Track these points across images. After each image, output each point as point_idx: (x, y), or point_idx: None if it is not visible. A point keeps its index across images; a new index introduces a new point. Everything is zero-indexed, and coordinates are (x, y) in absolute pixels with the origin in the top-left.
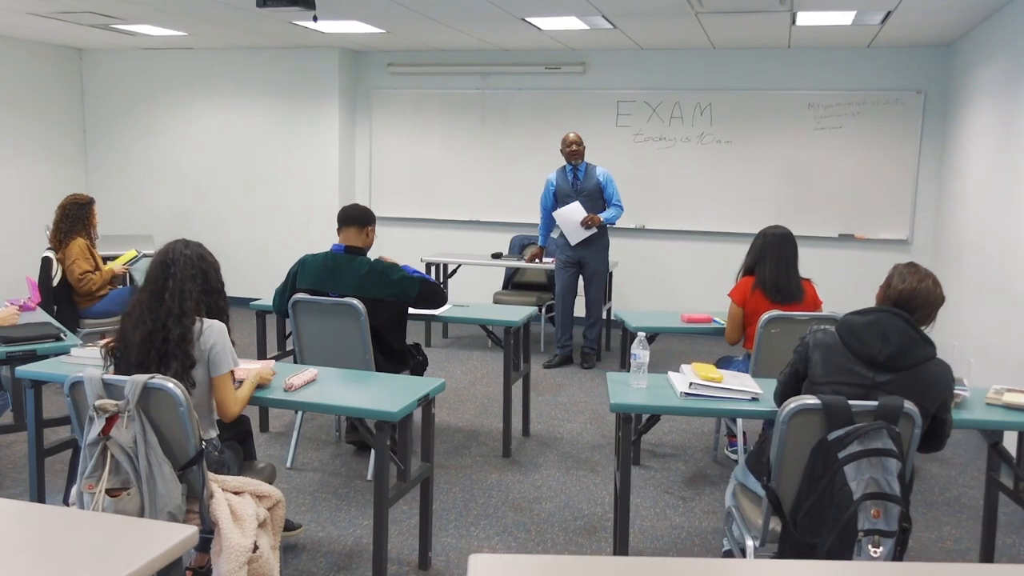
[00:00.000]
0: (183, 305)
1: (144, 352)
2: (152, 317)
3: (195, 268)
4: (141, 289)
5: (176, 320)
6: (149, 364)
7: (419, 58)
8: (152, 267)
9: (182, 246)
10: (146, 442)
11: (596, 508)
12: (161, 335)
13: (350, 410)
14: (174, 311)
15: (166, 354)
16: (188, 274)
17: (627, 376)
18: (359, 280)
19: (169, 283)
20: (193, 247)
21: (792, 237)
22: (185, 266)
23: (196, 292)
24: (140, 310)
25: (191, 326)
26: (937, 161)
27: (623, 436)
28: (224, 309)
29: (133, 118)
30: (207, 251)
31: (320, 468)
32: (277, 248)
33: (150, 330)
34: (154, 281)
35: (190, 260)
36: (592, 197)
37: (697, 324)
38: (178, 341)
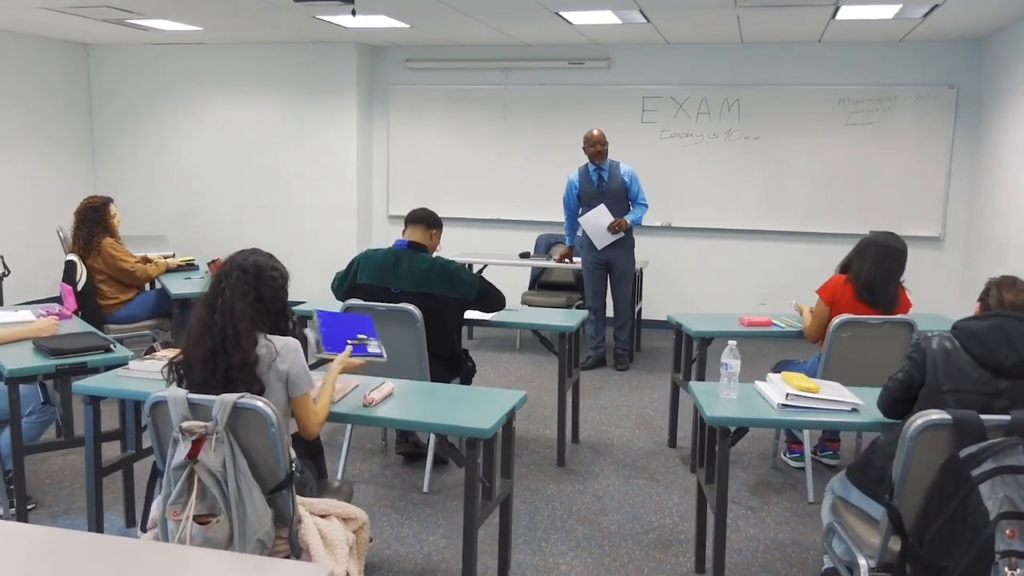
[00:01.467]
0: (236, 326)
1: (208, 371)
2: (209, 335)
3: (247, 285)
4: (200, 302)
5: (234, 343)
6: (214, 385)
7: (438, 53)
8: (211, 278)
9: (242, 257)
10: (235, 465)
11: (665, 519)
12: (223, 359)
13: (440, 427)
14: (228, 332)
15: (231, 379)
16: (239, 292)
17: (714, 386)
18: (422, 275)
19: (218, 300)
20: (254, 259)
21: (902, 246)
22: (237, 283)
23: (250, 312)
24: (199, 326)
25: (251, 349)
26: (970, 157)
27: (720, 451)
28: (285, 330)
29: (142, 115)
30: (271, 265)
31: (372, 480)
32: (292, 248)
33: (211, 350)
34: (209, 295)
35: (244, 276)
36: (618, 198)
37: (757, 328)
38: (240, 367)
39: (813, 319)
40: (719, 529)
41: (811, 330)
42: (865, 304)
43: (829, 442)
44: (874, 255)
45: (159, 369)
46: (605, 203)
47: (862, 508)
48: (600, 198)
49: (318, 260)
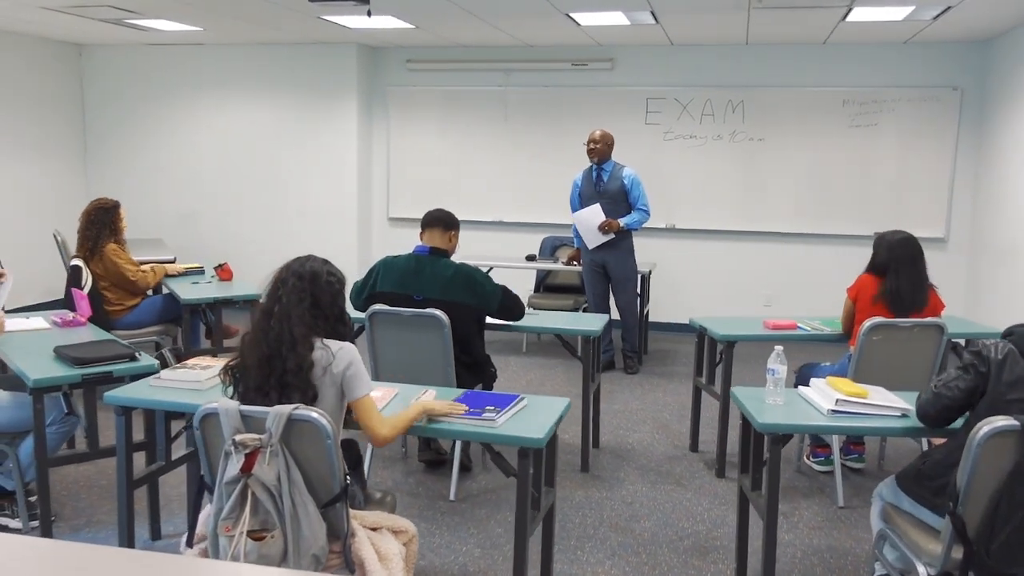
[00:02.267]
0: (292, 331)
1: (262, 376)
2: (265, 340)
3: (304, 292)
4: (258, 308)
5: (289, 348)
6: (268, 391)
7: (439, 54)
8: (269, 284)
9: (298, 264)
10: (290, 479)
11: (697, 525)
12: (279, 363)
13: (493, 437)
14: (285, 338)
15: (286, 384)
16: (295, 298)
17: (758, 391)
18: (446, 282)
19: (275, 307)
20: (311, 266)
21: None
22: (293, 289)
23: (307, 318)
24: (256, 330)
25: (307, 354)
26: (974, 159)
27: (771, 458)
28: (345, 336)
29: (137, 116)
30: (327, 271)
31: (396, 488)
32: (292, 251)
33: (267, 355)
34: (266, 300)
35: (300, 281)
36: (615, 200)
37: (783, 332)
38: (295, 371)
39: (843, 312)
40: (769, 538)
41: (842, 323)
42: (890, 309)
43: (854, 445)
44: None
45: (192, 379)
46: (602, 203)
47: (915, 515)
48: (597, 198)
49: None
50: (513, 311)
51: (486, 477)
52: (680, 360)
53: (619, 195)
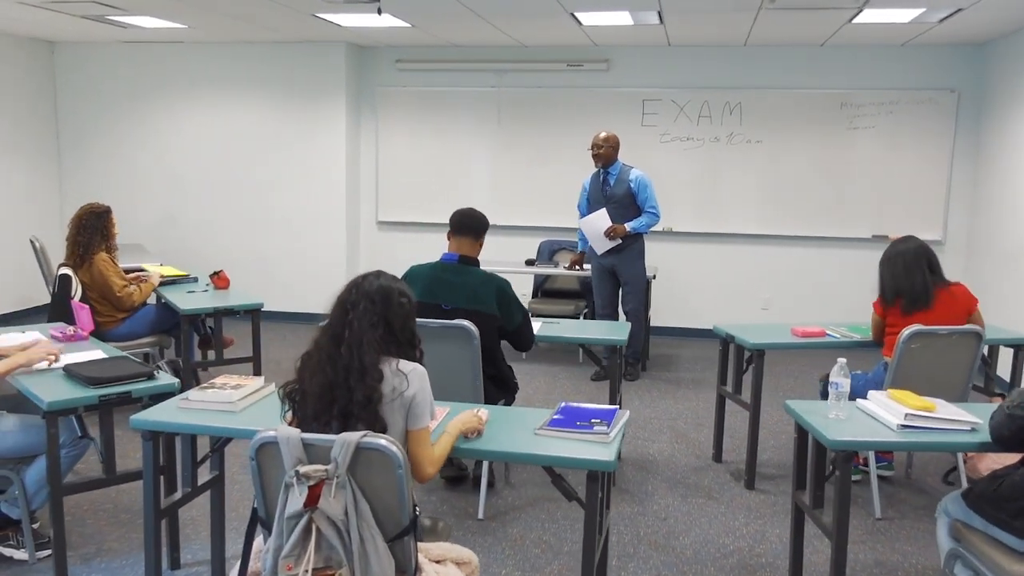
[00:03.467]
0: (363, 359)
1: (323, 405)
2: (332, 367)
3: (376, 315)
4: (322, 330)
5: (358, 378)
6: (329, 420)
7: (429, 54)
8: (334, 304)
9: (367, 284)
10: (358, 512)
11: (738, 541)
12: (344, 393)
13: (559, 461)
14: (354, 366)
15: (349, 415)
16: (368, 322)
17: (816, 405)
18: (475, 292)
19: (346, 332)
20: (381, 284)
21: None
22: (365, 312)
23: (378, 344)
24: (319, 355)
25: (376, 385)
26: (971, 161)
27: (843, 476)
28: (414, 359)
29: (114, 116)
30: (398, 290)
31: (421, 507)
32: (278, 255)
33: (330, 381)
34: (333, 324)
35: (372, 304)
36: (623, 203)
37: (812, 339)
38: (363, 404)
39: (872, 326)
40: (838, 559)
41: (872, 333)
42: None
43: (883, 452)
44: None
45: (223, 399)
46: (609, 208)
47: (989, 534)
48: (604, 202)
49: (306, 269)
50: (524, 340)
51: (511, 493)
52: (682, 366)
53: (627, 198)
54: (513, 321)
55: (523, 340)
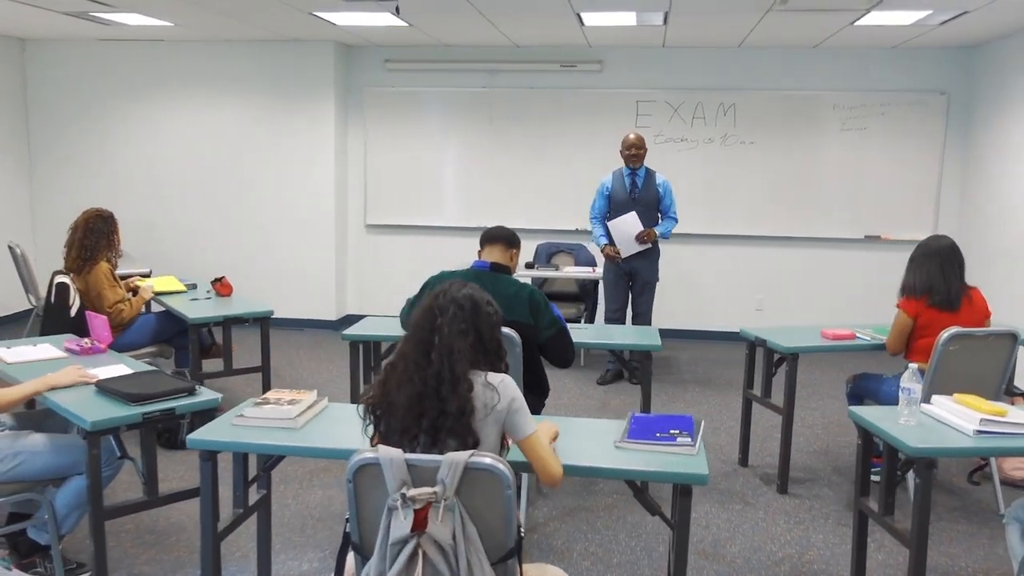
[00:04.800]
0: (454, 368)
1: (412, 418)
2: (420, 377)
3: (466, 323)
4: (406, 338)
5: (450, 388)
6: (417, 434)
7: (419, 54)
8: (419, 313)
9: (455, 291)
10: (465, 536)
11: (786, 548)
12: (434, 404)
13: (652, 475)
14: (445, 376)
15: (440, 428)
16: (457, 329)
17: (884, 411)
18: (508, 300)
19: (435, 339)
20: (468, 293)
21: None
22: (454, 319)
23: (469, 352)
24: (405, 364)
25: (468, 395)
26: (961, 162)
27: (923, 484)
28: (501, 372)
29: (89, 117)
30: (486, 299)
31: None
32: (264, 260)
33: (419, 392)
34: (420, 331)
35: (460, 311)
36: (649, 207)
37: (843, 341)
38: (456, 416)
39: (894, 331)
40: (917, 567)
41: (891, 342)
42: (939, 310)
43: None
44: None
45: (282, 416)
46: (636, 210)
47: None
48: (631, 205)
49: (293, 273)
50: (558, 353)
51: (545, 503)
52: (683, 368)
53: (653, 203)
54: (543, 334)
55: (558, 354)
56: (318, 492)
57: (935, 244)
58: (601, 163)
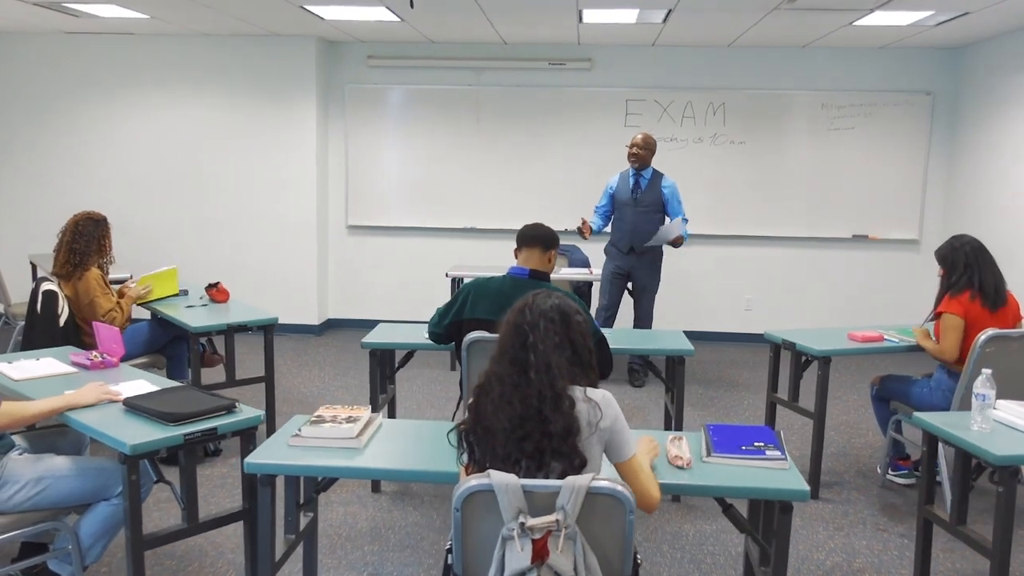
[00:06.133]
0: (554, 386)
1: (513, 442)
2: (520, 399)
3: (560, 335)
4: (496, 358)
5: (552, 407)
6: (519, 459)
7: (403, 50)
8: (506, 329)
9: (541, 303)
10: (587, 567)
11: (833, 556)
12: (537, 426)
13: (753, 491)
14: (546, 394)
15: (544, 450)
16: (552, 344)
17: (954, 417)
18: None
19: (531, 356)
20: (555, 304)
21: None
22: (547, 333)
23: (566, 367)
24: (502, 387)
25: (572, 413)
26: (946, 161)
27: (1007, 493)
28: (596, 385)
29: (54, 113)
30: (574, 308)
31: None
32: (242, 264)
33: (520, 414)
34: (512, 350)
35: (552, 325)
36: (652, 209)
37: (872, 344)
38: (562, 436)
39: (950, 334)
40: None
41: (949, 347)
42: (991, 307)
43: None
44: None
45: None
46: (638, 211)
47: None
48: (633, 205)
49: (272, 277)
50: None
51: None
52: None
53: (657, 204)
54: None
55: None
56: (339, 510)
57: (970, 241)
58: (590, 163)
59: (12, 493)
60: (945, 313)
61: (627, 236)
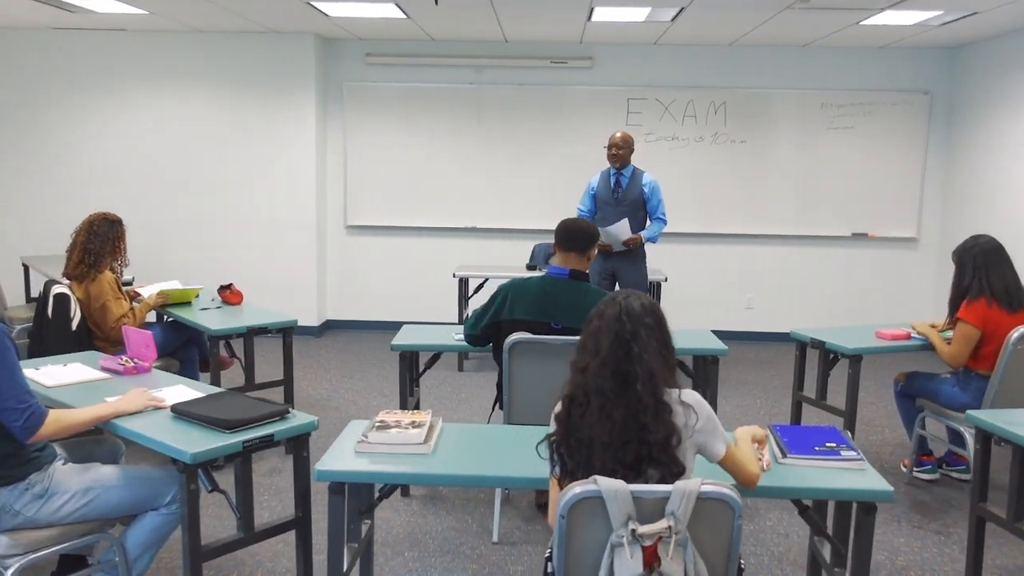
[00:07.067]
0: (657, 394)
1: (610, 453)
2: (623, 410)
3: (657, 340)
4: (597, 372)
5: (653, 415)
6: (614, 469)
7: (403, 48)
8: (609, 341)
9: (634, 307)
10: (696, 573)
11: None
12: (636, 435)
13: (840, 493)
14: (648, 404)
15: (642, 459)
16: (653, 349)
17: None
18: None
19: (636, 368)
20: (646, 306)
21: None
22: (648, 340)
23: (664, 372)
24: (601, 399)
25: (671, 421)
26: (943, 160)
27: None
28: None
29: (46, 111)
30: (656, 303)
31: (536, 540)
32: (238, 265)
33: (620, 426)
34: (613, 360)
35: (650, 330)
36: (634, 208)
37: (900, 342)
38: (662, 445)
39: (961, 343)
40: None
41: (958, 354)
42: (1009, 310)
43: (958, 456)
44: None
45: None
46: (620, 211)
47: None
48: (614, 206)
49: (270, 279)
50: None
51: None
52: None
53: (638, 203)
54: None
55: None
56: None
57: (985, 244)
58: (592, 161)
59: (60, 504)
60: (962, 321)
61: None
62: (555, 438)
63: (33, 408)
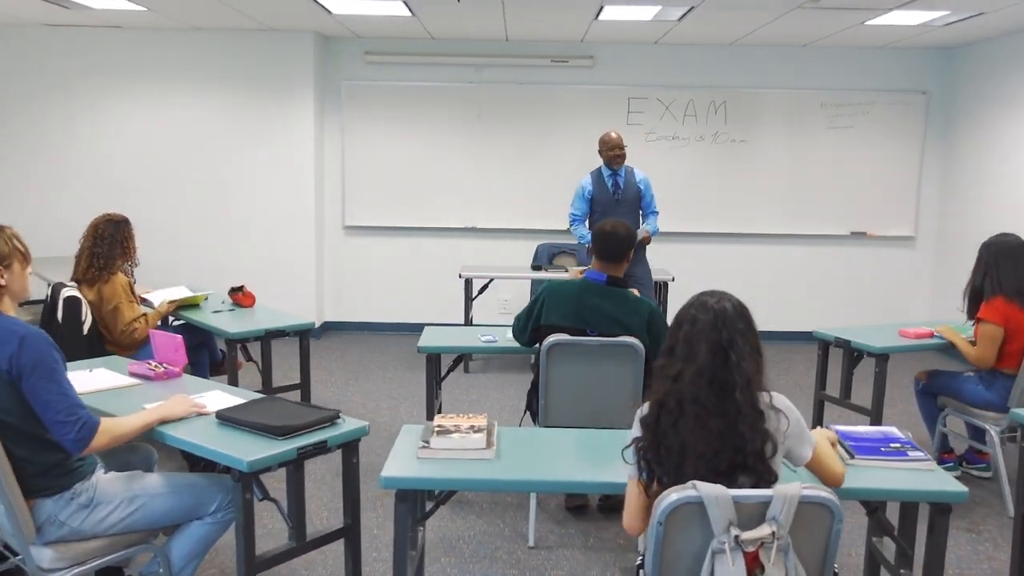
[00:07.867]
0: (754, 403)
1: (704, 461)
2: (721, 419)
3: (750, 344)
4: (691, 380)
5: (749, 424)
6: (707, 476)
7: (402, 46)
8: (706, 350)
9: (725, 311)
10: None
11: None
12: (731, 442)
13: (913, 494)
14: (746, 413)
15: (736, 466)
16: (748, 355)
17: None
18: (624, 317)
19: (735, 377)
20: (735, 307)
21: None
22: (743, 346)
23: (759, 379)
24: (697, 408)
25: (766, 427)
26: (940, 160)
27: None
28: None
29: (38, 110)
30: (748, 308)
31: (570, 544)
32: (235, 266)
33: (718, 434)
34: (710, 369)
35: (744, 337)
36: (632, 206)
37: (923, 341)
38: (758, 454)
39: (986, 343)
40: None
41: (984, 355)
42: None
43: (979, 453)
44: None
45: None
46: (620, 211)
47: None
48: (616, 206)
49: (267, 280)
50: None
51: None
52: None
53: (636, 200)
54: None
55: None
56: None
57: (1003, 243)
58: (593, 161)
59: (106, 514)
60: (984, 321)
61: None
62: (643, 444)
63: (84, 419)
